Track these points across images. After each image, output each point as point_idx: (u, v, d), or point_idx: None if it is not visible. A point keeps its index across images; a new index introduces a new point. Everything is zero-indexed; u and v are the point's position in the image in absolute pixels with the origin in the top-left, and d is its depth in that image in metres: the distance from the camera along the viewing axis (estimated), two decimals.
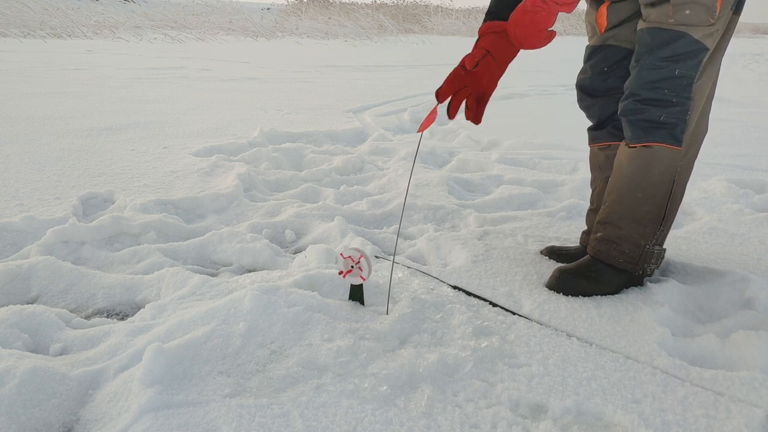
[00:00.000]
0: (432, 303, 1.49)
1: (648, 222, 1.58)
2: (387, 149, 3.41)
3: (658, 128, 1.51)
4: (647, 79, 1.50)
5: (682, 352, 1.35)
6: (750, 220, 2.23)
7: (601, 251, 1.62)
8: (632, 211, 1.58)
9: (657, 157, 1.53)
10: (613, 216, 1.60)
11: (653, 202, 1.57)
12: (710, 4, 1.42)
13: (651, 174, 1.54)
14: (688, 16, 1.43)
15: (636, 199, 1.57)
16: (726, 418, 1.11)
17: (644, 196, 1.56)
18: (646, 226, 1.58)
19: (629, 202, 1.58)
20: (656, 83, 1.49)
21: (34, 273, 1.66)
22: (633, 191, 1.57)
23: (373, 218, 2.27)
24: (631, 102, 1.53)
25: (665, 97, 1.49)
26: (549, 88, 6.92)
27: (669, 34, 1.46)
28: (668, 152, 1.52)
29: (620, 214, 1.59)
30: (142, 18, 17.80)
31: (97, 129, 3.67)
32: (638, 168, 1.55)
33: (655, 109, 1.50)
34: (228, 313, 1.34)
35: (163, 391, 1.09)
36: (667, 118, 1.49)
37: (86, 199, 2.32)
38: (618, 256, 1.60)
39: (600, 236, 1.63)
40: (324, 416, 1.07)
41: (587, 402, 1.14)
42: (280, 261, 1.86)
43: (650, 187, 1.55)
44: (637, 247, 1.59)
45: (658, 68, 1.48)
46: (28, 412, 1.09)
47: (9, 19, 13.52)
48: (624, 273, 1.61)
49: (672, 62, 1.47)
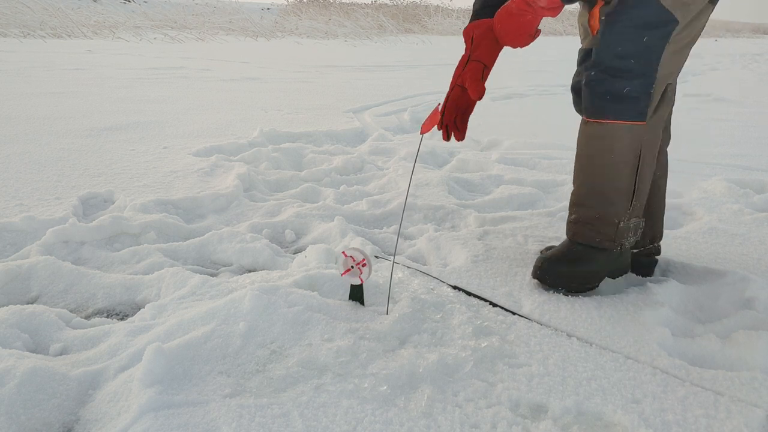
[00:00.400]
0: (432, 303, 1.49)
1: (618, 200, 1.56)
2: (387, 149, 3.41)
3: (619, 102, 1.46)
4: (614, 47, 1.45)
5: (682, 352, 1.35)
6: (750, 220, 2.23)
7: (577, 233, 1.61)
8: (601, 191, 1.56)
9: (618, 135, 1.49)
10: (583, 198, 1.59)
11: (621, 180, 1.54)
12: None
13: (614, 152, 1.51)
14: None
15: (603, 178, 1.55)
16: (726, 418, 1.11)
17: (611, 175, 1.54)
18: (617, 204, 1.56)
19: (596, 182, 1.56)
20: (622, 50, 1.44)
21: (34, 273, 1.66)
22: (598, 171, 1.55)
23: (373, 218, 2.27)
24: (596, 72, 1.48)
25: (629, 67, 1.44)
26: (549, 88, 6.92)
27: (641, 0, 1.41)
28: (630, 128, 1.48)
29: (590, 195, 1.58)
30: (142, 18, 17.80)
31: (97, 129, 3.67)
32: (600, 147, 1.52)
33: (620, 80, 1.45)
34: (228, 313, 1.34)
35: (163, 391, 1.09)
36: (631, 91, 1.45)
37: (86, 199, 2.32)
38: (595, 236, 1.59)
39: (574, 218, 1.62)
40: (324, 416, 1.07)
41: (587, 402, 1.14)
42: (280, 261, 1.86)
43: (616, 165, 1.52)
44: (611, 225, 1.58)
45: (624, 34, 1.43)
46: (28, 412, 1.09)
47: (9, 19, 13.52)
48: (604, 251, 1.60)
49: (640, 29, 1.41)
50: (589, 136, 1.54)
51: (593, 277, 1.60)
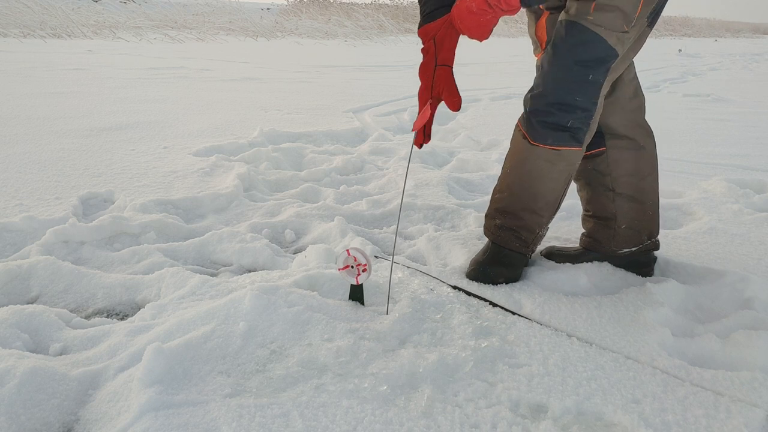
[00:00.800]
0: (432, 303, 1.49)
1: (545, 212, 1.66)
2: (387, 149, 3.41)
3: (562, 131, 1.54)
4: (560, 81, 1.51)
5: (682, 352, 1.35)
6: (750, 220, 2.23)
7: (501, 237, 1.69)
8: (532, 204, 1.64)
9: (560, 158, 1.57)
10: (513, 207, 1.66)
11: (552, 196, 1.64)
12: (630, 12, 1.45)
13: (552, 172, 1.60)
14: (606, 18, 1.44)
15: (535, 195, 1.63)
16: (726, 418, 1.11)
17: (544, 191, 1.63)
18: (543, 216, 1.66)
19: (529, 196, 1.64)
20: (569, 87, 1.51)
21: (34, 273, 1.65)
22: (533, 186, 1.62)
23: (373, 218, 2.27)
24: (541, 103, 1.54)
25: (575, 103, 1.51)
26: None
27: (587, 35, 1.46)
28: (568, 153, 1.57)
29: (520, 206, 1.65)
30: (142, 18, 17.80)
31: (97, 129, 3.67)
32: (540, 167, 1.59)
33: (565, 114, 1.52)
34: (228, 313, 1.34)
35: (163, 391, 1.09)
36: (574, 123, 1.53)
37: (86, 199, 2.32)
38: (515, 242, 1.67)
39: (500, 223, 1.69)
40: (324, 416, 1.07)
41: (587, 402, 1.14)
42: (280, 261, 1.86)
43: (550, 182, 1.61)
44: (532, 233, 1.67)
45: (572, 71, 1.49)
46: (28, 412, 1.09)
47: (9, 19, 13.52)
48: (522, 255, 1.69)
49: (586, 67, 1.48)
50: (529, 155, 1.60)
51: (514, 276, 1.68)
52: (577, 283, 1.66)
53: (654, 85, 7.93)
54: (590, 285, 1.66)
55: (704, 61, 13.63)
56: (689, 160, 3.29)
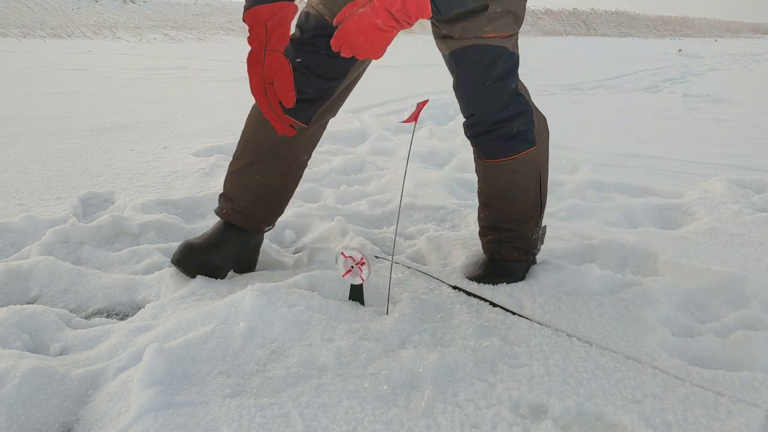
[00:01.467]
0: (432, 303, 1.49)
1: (530, 217, 1.67)
2: (387, 149, 3.41)
3: (513, 139, 1.56)
4: (489, 104, 1.53)
5: (683, 352, 1.35)
6: (750, 220, 2.23)
7: (497, 252, 1.69)
8: (514, 214, 1.66)
9: (520, 165, 1.60)
10: (497, 222, 1.68)
11: (529, 201, 1.66)
12: (520, 12, 1.47)
13: (519, 179, 1.62)
14: (501, 26, 1.44)
15: (514, 205, 1.65)
16: (726, 418, 1.11)
17: (519, 199, 1.65)
18: (529, 221, 1.67)
19: (508, 207, 1.66)
20: (499, 106, 1.53)
21: (34, 273, 1.65)
22: (507, 197, 1.65)
23: (373, 218, 2.27)
24: (482, 126, 1.57)
25: (512, 114, 1.54)
26: (549, 88, 6.92)
27: (493, 51, 1.47)
28: (527, 155, 1.59)
29: (503, 219, 1.67)
30: (142, 18, 17.79)
31: (97, 129, 3.67)
32: (506, 179, 1.62)
33: (508, 125, 1.55)
34: (228, 313, 1.34)
35: (163, 391, 1.09)
36: (520, 128, 1.55)
37: (86, 199, 2.32)
38: (513, 252, 1.68)
39: (491, 238, 1.70)
40: (324, 416, 1.07)
41: (587, 402, 1.14)
42: (280, 261, 1.85)
43: (521, 189, 1.64)
44: (527, 240, 1.68)
45: (493, 90, 1.51)
46: (28, 412, 1.09)
47: (9, 19, 13.52)
48: (524, 263, 1.70)
49: (505, 79, 1.51)
50: (494, 169, 1.62)
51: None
52: (577, 283, 1.66)
53: (654, 85, 7.94)
54: (590, 285, 1.66)
55: (704, 61, 13.63)
56: (689, 160, 3.29)
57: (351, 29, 1.30)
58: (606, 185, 2.73)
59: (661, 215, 2.37)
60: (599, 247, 1.91)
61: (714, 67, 11.50)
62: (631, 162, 3.21)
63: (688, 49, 18.21)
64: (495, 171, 1.63)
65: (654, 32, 39.21)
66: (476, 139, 1.61)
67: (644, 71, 10.14)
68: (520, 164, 1.59)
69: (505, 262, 1.68)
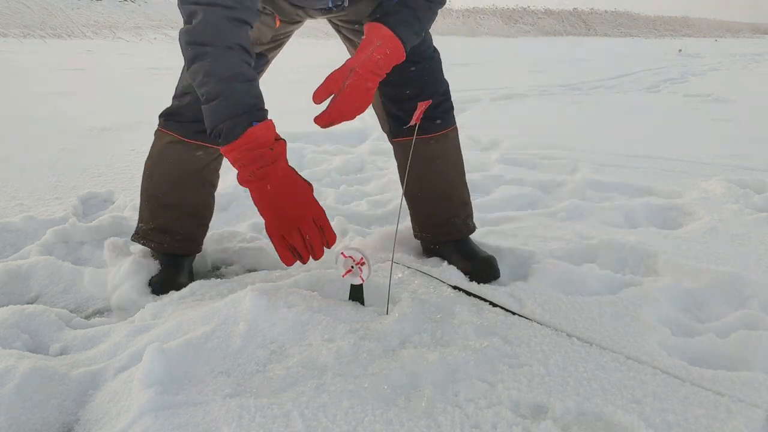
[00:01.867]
0: (432, 303, 1.49)
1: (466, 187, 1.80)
2: (387, 149, 3.40)
3: (451, 111, 1.73)
4: (442, 77, 1.68)
5: (683, 352, 1.35)
6: (750, 220, 2.23)
7: (465, 230, 1.77)
8: (463, 184, 1.78)
9: (456, 135, 1.75)
10: (464, 197, 1.78)
11: (463, 172, 1.79)
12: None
13: (457, 151, 1.75)
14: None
15: (459, 174, 1.77)
16: (726, 418, 1.11)
17: (460, 170, 1.77)
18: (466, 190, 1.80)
19: (459, 179, 1.76)
20: (446, 87, 1.69)
21: (34, 273, 1.65)
22: (457, 171, 1.76)
23: (374, 218, 2.27)
24: (444, 103, 1.69)
25: (447, 89, 1.70)
26: (549, 88, 6.92)
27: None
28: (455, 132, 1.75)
29: (460, 191, 1.76)
30: (142, 18, 17.80)
31: (97, 129, 3.67)
32: (453, 153, 1.75)
33: (449, 99, 1.71)
34: (228, 313, 1.34)
35: (163, 391, 1.09)
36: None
37: (86, 199, 2.32)
38: (470, 225, 1.79)
39: (466, 216, 1.77)
40: (324, 416, 1.07)
41: (588, 402, 1.14)
42: (280, 261, 1.85)
43: (459, 160, 1.77)
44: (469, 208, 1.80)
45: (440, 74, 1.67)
46: (28, 412, 1.09)
47: (9, 19, 13.52)
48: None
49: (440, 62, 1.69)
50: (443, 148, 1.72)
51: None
52: (577, 283, 1.66)
53: (654, 85, 7.94)
54: (590, 285, 1.66)
55: (704, 61, 13.64)
56: (689, 160, 3.29)
57: (347, 102, 1.35)
58: (606, 185, 2.73)
59: (661, 215, 2.37)
60: (599, 247, 1.91)
61: (714, 67, 11.50)
62: (631, 162, 3.21)
63: (688, 49, 18.22)
64: (446, 145, 1.76)
65: (654, 32, 39.22)
66: (447, 111, 1.73)
67: (644, 71, 10.14)
68: (456, 134, 1.79)
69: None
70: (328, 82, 1.36)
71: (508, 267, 1.77)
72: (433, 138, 1.69)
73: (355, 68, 1.36)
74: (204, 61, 1.25)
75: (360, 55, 1.37)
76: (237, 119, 1.26)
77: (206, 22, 1.24)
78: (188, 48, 1.27)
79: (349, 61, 1.38)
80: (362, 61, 1.36)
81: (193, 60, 1.26)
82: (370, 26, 1.40)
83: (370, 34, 1.39)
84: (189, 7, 1.25)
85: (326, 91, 1.36)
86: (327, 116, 1.37)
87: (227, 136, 1.26)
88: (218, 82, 1.25)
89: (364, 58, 1.36)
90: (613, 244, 1.91)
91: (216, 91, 1.25)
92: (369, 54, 1.36)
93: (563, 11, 38.36)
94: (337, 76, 1.35)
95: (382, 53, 1.37)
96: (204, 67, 1.25)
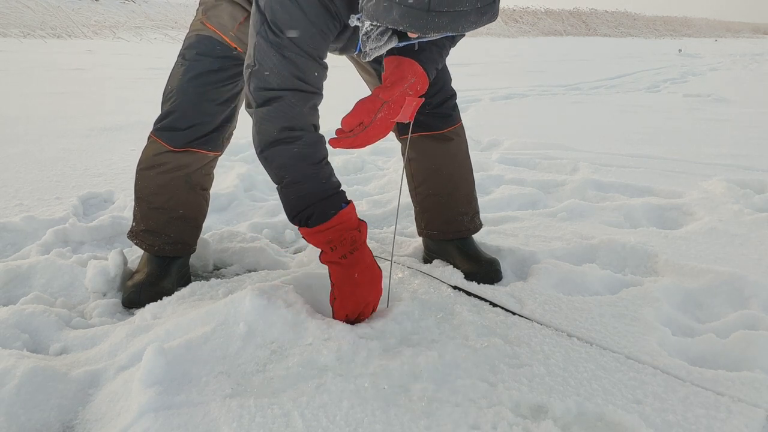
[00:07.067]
0: (432, 303, 1.49)
1: (473, 184, 1.81)
2: (387, 149, 3.41)
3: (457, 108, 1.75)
4: (448, 75, 1.71)
5: (683, 352, 1.35)
6: (750, 221, 2.23)
7: (472, 228, 1.78)
8: (472, 181, 1.79)
9: (462, 130, 1.75)
10: (473, 193, 1.79)
11: (471, 168, 1.80)
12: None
13: (466, 147, 1.77)
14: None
15: (468, 170, 1.78)
16: (727, 418, 1.11)
17: (468, 166, 1.78)
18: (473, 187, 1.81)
19: (468, 175, 1.77)
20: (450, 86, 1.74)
21: (34, 273, 1.65)
22: (466, 167, 1.77)
23: (374, 218, 2.27)
24: (452, 98, 1.72)
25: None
26: (549, 88, 6.92)
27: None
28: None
29: (469, 187, 1.78)
30: (142, 18, 17.80)
31: (97, 129, 3.67)
32: (461, 150, 1.75)
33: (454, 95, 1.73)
34: (228, 313, 1.34)
35: (163, 392, 1.09)
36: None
37: (86, 199, 2.32)
38: (477, 223, 1.80)
39: (474, 213, 1.79)
40: (324, 416, 1.07)
41: (588, 402, 1.14)
42: (280, 261, 1.85)
43: (468, 156, 1.78)
44: (477, 205, 1.81)
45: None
46: (28, 412, 1.09)
47: (9, 19, 13.52)
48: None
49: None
50: (453, 145, 1.73)
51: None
52: (577, 283, 1.66)
53: (654, 85, 7.94)
54: (590, 285, 1.66)
55: (704, 61, 13.64)
56: (689, 160, 3.29)
57: (374, 132, 1.34)
58: (606, 185, 2.73)
59: (661, 215, 2.36)
60: (599, 247, 1.91)
61: (714, 67, 11.51)
62: (631, 162, 3.21)
63: (688, 49, 18.22)
64: (456, 142, 1.76)
65: (654, 32, 39.22)
66: (452, 109, 1.75)
67: (644, 71, 10.14)
68: (461, 130, 1.78)
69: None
70: (359, 113, 1.33)
71: (508, 267, 1.77)
72: (444, 134, 1.71)
73: (389, 102, 1.33)
74: (292, 145, 1.29)
75: (394, 90, 1.33)
76: (329, 200, 1.30)
77: (294, 106, 1.28)
78: (278, 131, 1.29)
79: (382, 93, 1.33)
80: (397, 96, 1.34)
81: (276, 143, 1.29)
82: (403, 61, 1.37)
83: (403, 68, 1.36)
84: (272, 93, 1.27)
85: (357, 121, 1.33)
86: (350, 143, 1.35)
87: (319, 217, 1.29)
88: (310, 165, 1.30)
89: (398, 93, 1.34)
90: (614, 244, 1.91)
91: (303, 173, 1.30)
92: (404, 89, 1.34)
93: (563, 11, 38.34)
94: (370, 108, 1.32)
95: (414, 89, 1.36)
96: (290, 151, 1.29)
